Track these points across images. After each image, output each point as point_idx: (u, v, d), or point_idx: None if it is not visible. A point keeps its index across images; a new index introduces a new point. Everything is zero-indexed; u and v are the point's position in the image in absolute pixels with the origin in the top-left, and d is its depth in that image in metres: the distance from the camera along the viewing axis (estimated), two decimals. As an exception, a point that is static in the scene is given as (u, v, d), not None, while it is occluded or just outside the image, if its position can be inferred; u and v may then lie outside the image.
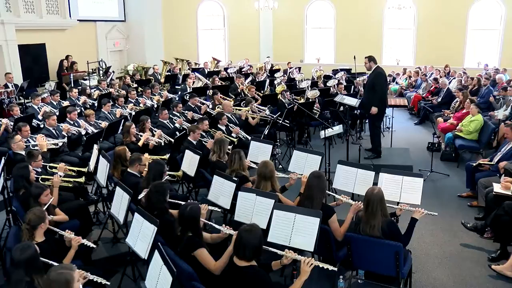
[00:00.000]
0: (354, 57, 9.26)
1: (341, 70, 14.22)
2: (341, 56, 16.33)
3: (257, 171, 4.74)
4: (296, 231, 3.70)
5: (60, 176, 5.46)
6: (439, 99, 10.84)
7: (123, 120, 7.67)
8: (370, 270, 4.07)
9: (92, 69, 11.58)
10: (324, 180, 4.23)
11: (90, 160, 6.02)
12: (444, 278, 4.56)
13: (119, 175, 5.66)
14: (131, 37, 15.11)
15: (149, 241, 3.79)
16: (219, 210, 4.54)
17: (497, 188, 5.18)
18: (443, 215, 5.97)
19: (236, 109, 8.72)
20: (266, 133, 8.28)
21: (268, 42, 17.39)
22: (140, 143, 7.14)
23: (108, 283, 3.30)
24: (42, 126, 7.65)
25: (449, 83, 11.92)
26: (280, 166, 7.58)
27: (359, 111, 10.04)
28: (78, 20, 12.52)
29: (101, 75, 11.42)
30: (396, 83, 14.24)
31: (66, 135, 7.20)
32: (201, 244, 3.62)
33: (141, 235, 3.93)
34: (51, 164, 5.64)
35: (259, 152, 6.23)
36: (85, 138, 7.02)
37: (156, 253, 3.26)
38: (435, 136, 8.48)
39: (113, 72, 11.98)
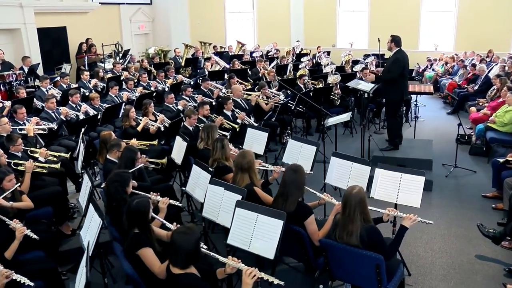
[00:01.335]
0: (379, 40, 8.42)
1: (373, 55, 13.29)
2: (375, 40, 15.21)
3: (234, 162, 4.25)
4: (256, 234, 3.19)
5: (41, 161, 5.27)
6: (476, 87, 9.76)
7: (124, 104, 7.37)
8: (349, 281, 3.48)
9: (113, 51, 11.43)
10: (303, 174, 3.65)
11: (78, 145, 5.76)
12: (445, 295, 3.90)
13: (104, 161, 5.36)
14: (157, 20, 14.88)
15: (95, 235, 3.43)
16: (180, 205, 4.08)
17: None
18: (460, 218, 5.24)
19: (246, 94, 8.21)
20: (274, 119, 7.76)
21: (299, 26, 16.58)
22: (139, 128, 6.82)
23: (32, 283, 2.93)
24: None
25: (490, 69, 10.73)
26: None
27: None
28: (100, 3, 12.38)
29: (118, 58, 11.22)
30: (433, 69, 13.10)
31: (65, 118, 6.99)
32: (146, 243, 3.19)
33: (90, 228, 3.58)
34: (32, 149, 5.41)
35: (255, 140, 5.74)
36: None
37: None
38: (467, 127, 7.57)
39: (131, 55, 11.76)
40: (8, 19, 9.88)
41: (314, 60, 13.09)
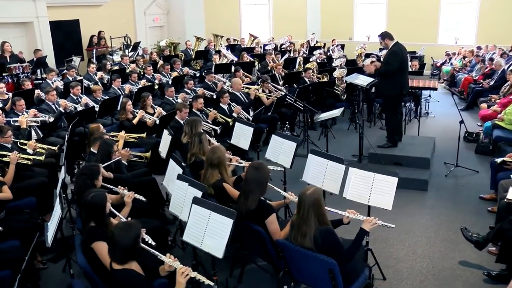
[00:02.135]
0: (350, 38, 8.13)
1: (382, 48, 12.90)
2: (393, 33, 14.76)
3: (205, 157, 4.18)
4: (209, 232, 3.10)
5: (29, 153, 5.36)
6: (492, 82, 9.28)
7: (121, 96, 7.40)
8: (307, 284, 3.36)
9: (122, 44, 11.53)
10: (265, 172, 3.53)
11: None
12: (418, 301, 3.71)
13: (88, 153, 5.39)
14: (172, 13, 14.91)
15: (54, 228, 3.45)
16: (144, 199, 4.04)
17: (510, 193, 4.11)
18: (452, 221, 4.99)
19: (246, 87, 8.11)
20: (270, 114, 7.63)
21: (316, 19, 16.24)
22: (134, 121, 6.88)
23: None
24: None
25: (511, 64, 10.17)
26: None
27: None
28: (113, -5, 12.53)
29: (127, 50, 11.30)
30: (451, 64, 12.57)
31: (63, 110, 7.09)
32: (101, 237, 3.17)
33: (53, 219, 3.61)
34: (22, 141, 5.50)
35: (241, 135, 5.64)
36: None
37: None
38: (478, 124, 7.19)
39: (141, 47, 11.83)
40: (21, 12, 10.11)
41: (327, 53, 12.82)
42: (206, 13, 15.15)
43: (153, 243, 3.18)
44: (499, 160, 5.13)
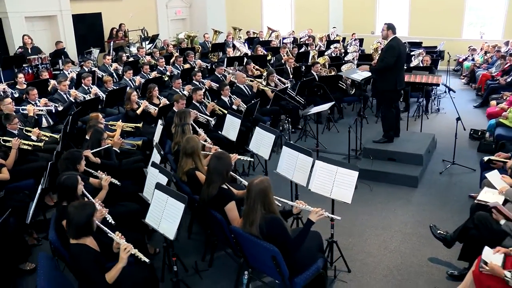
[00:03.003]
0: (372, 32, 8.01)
1: (409, 43, 12.63)
2: (416, 28, 14.46)
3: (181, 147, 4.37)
4: (165, 215, 3.31)
5: (33, 140, 5.73)
6: (509, 79, 8.95)
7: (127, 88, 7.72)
8: (260, 270, 3.49)
9: (139, 36, 11.91)
10: (226, 161, 3.68)
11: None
12: (376, 296, 3.75)
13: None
14: (194, 6, 15.17)
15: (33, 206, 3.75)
16: (119, 184, 4.26)
17: (482, 194, 4.07)
18: (433, 218, 4.94)
19: (249, 80, 8.24)
20: (268, 107, 7.72)
21: (338, 12, 16.05)
22: (138, 111, 7.14)
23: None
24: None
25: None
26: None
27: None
28: (136, -11, 12.90)
29: (145, 43, 11.65)
30: (473, 59, 12.15)
31: (73, 100, 7.47)
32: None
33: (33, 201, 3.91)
34: (27, 128, 5.89)
35: (231, 127, 5.80)
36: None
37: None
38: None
39: (160, 40, 12.15)
40: (45, 6, 10.64)
41: (346, 48, 12.71)
42: (228, 6, 15.32)
43: (113, 223, 3.41)
44: (486, 158, 5.03)
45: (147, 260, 2.91)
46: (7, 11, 9.74)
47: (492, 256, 3.24)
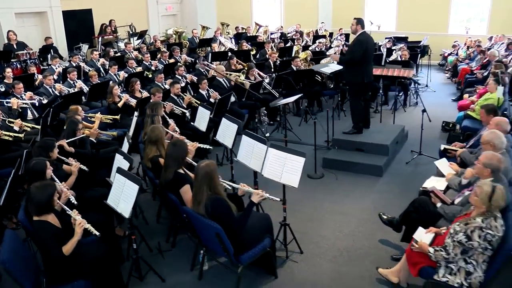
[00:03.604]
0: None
1: (395, 38, 12.88)
2: (403, 23, 14.67)
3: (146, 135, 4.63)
4: (123, 196, 3.59)
5: (15, 131, 6.00)
6: (485, 73, 9.16)
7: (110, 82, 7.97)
8: (210, 248, 3.75)
9: (127, 32, 12.14)
10: (181, 148, 3.94)
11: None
12: (323, 274, 3.99)
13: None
14: (185, 2, 15.36)
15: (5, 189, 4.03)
16: (87, 169, 4.53)
17: (428, 182, 4.33)
18: (391, 205, 5.18)
19: (228, 74, 8.49)
20: (243, 99, 7.96)
21: (327, 7, 16.27)
22: (120, 104, 7.39)
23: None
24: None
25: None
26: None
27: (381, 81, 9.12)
28: (126, -15, 13.10)
29: (133, 39, 11.88)
30: (457, 54, 12.36)
31: (58, 94, 7.73)
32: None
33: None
34: (10, 119, 6.16)
35: (202, 118, 6.06)
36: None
37: None
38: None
39: (149, 35, 12.38)
40: (36, 2, 10.84)
41: (332, 42, 12.91)
42: (218, 2, 15.50)
43: (75, 203, 3.69)
44: (442, 147, 5.27)
45: (97, 233, 3.22)
46: (-4, 7, 9.99)
47: (423, 236, 3.50)
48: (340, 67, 6.91)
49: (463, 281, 3.16)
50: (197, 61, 9.90)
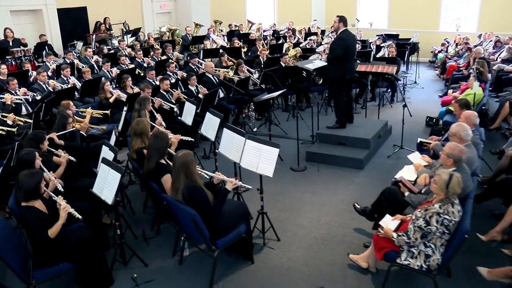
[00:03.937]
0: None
1: (386, 35, 13.09)
2: (395, 21, 14.87)
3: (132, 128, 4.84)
4: (107, 185, 3.78)
5: (8, 124, 6.21)
6: (471, 70, 9.35)
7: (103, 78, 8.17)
8: (188, 234, 3.97)
9: (121, 30, 12.33)
10: (163, 140, 4.16)
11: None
12: (297, 260, 4.20)
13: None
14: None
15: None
16: (75, 160, 4.74)
17: (400, 172, 4.54)
18: (368, 197, 5.27)
19: (217, 70, 8.70)
20: (231, 95, 8.17)
21: (320, 5, 16.46)
22: (111, 100, 7.59)
23: None
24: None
25: (499, 53, 10.18)
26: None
27: (371, 77, 9.34)
28: (120, -17, 13.27)
29: (127, 36, 12.06)
30: (446, 51, 12.57)
31: (52, 90, 7.93)
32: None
33: None
34: (3, 114, 6.36)
35: (188, 113, 6.27)
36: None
37: None
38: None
39: (142, 33, 12.56)
40: (31, 0, 11.05)
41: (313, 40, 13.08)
42: (212, 0, 15.68)
43: (62, 190, 3.90)
44: (418, 140, 5.48)
45: (80, 217, 3.46)
46: (-8, 5, 10.18)
47: (389, 222, 3.72)
48: (324, 63, 7.11)
49: (422, 264, 3.38)
50: (187, 58, 10.07)
